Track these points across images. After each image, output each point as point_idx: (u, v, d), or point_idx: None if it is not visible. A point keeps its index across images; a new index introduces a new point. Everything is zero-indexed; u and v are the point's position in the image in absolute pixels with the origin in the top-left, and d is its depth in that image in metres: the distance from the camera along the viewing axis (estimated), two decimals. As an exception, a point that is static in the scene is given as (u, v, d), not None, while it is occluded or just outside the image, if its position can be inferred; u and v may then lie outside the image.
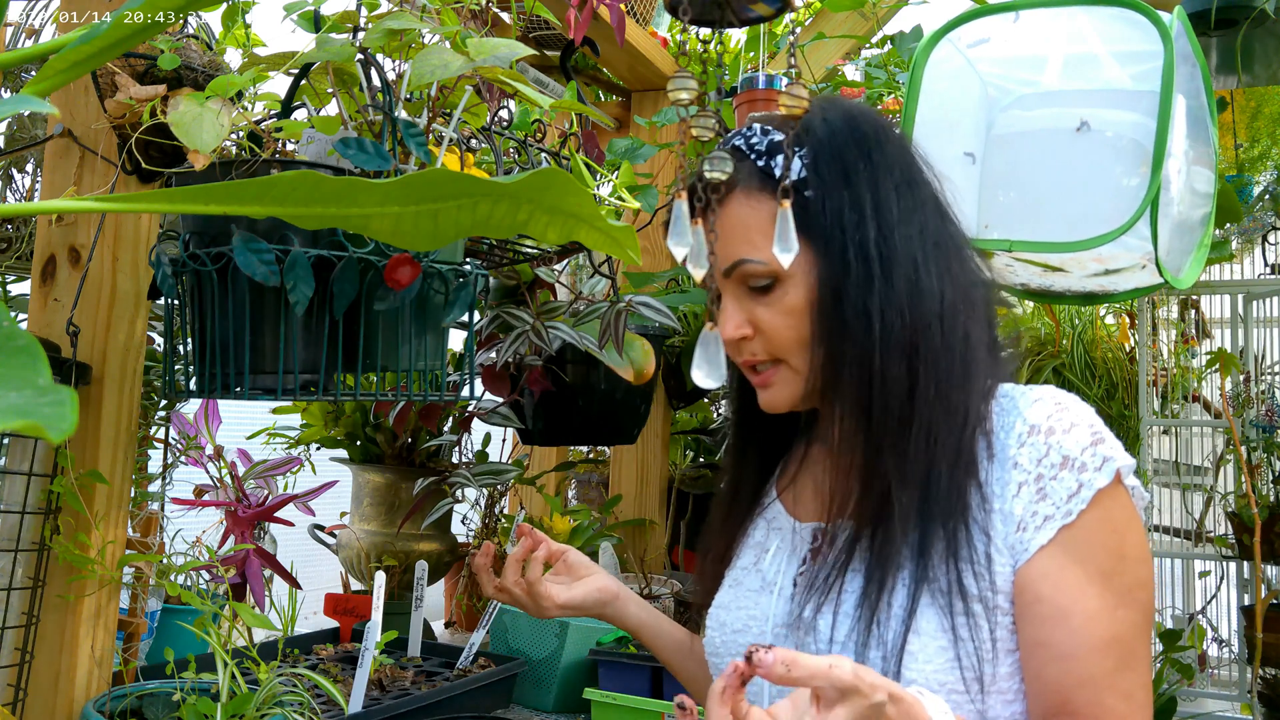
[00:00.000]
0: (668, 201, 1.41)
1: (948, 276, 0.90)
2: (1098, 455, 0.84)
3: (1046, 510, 0.84)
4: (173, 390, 1.17)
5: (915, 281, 0.89)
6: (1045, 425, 0.87)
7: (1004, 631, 0.84)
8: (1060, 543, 0.83)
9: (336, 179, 0.53)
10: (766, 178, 0.92)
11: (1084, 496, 0.83)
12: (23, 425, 0.33)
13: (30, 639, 1.21)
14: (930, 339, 0.88)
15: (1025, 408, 0.89)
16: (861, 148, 0.91)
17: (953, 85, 1.48)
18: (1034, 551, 0.83)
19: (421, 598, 1.66)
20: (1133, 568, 0.84)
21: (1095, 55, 1.40)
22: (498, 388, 1.68)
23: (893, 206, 0.90)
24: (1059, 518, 0.83)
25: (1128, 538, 0.84)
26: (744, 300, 0.94)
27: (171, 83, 1.19)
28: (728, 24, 1.20)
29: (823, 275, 0.90)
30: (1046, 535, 0.83)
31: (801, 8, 1.64)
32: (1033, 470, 0.85)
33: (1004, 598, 0.84)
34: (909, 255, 0.89)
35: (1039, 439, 0.86)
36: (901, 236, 0.89)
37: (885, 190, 0.90)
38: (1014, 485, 0.85)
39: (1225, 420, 2.10)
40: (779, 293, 0.91)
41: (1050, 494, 0.84)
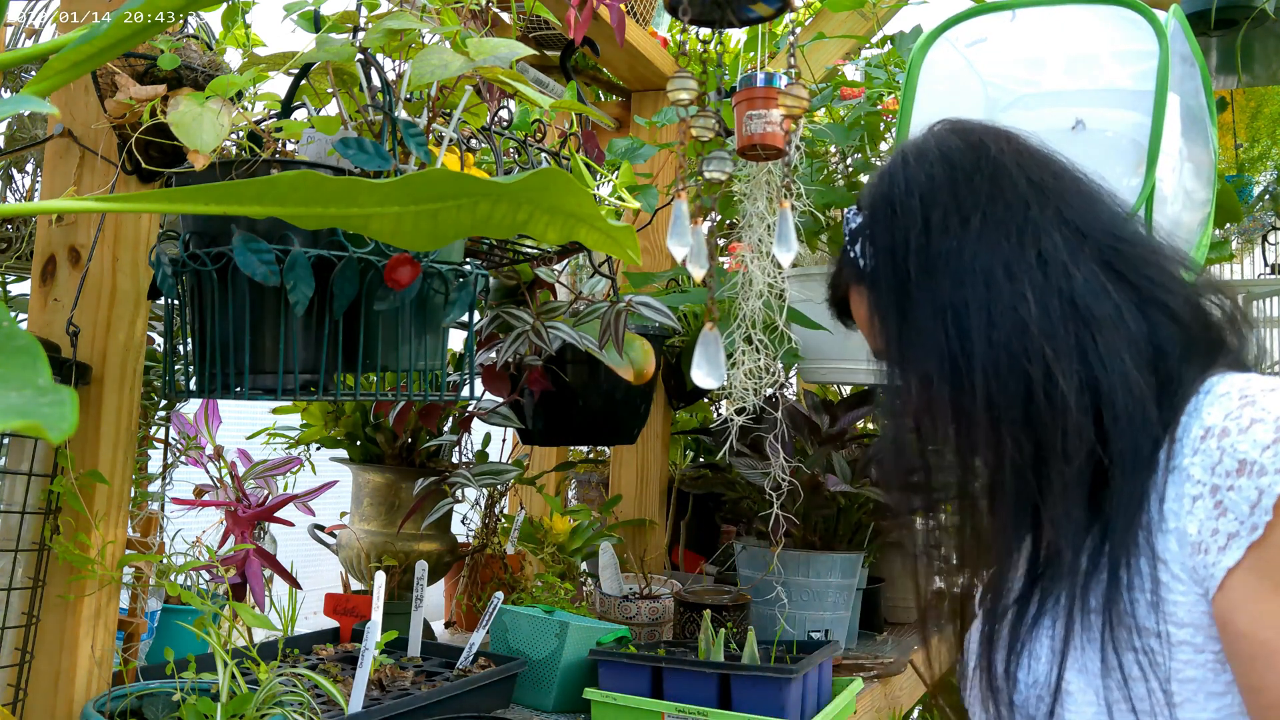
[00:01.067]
0: (669, 200, 1.41)
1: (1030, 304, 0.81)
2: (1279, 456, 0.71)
3: (1229, 527, 0.71)
4: (173, 390, 1.17)
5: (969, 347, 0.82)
6: (1220, 426, 0.74)
7: (1198, 671, 0.74)
8: (1251, 566, 0.70)
9: (336, 179, 0.54)
10: (856, 269, 0.92)
11: (1266, 505, 0.70)
12: (23, 425, 0.33)
13: (30, 639, 1.21)
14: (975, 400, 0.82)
15: (1206, 406, 0.77)
16: (893, 219, 0.88)
17: (952, 85, 1.48)
18: (1221, 577, 0.72)
19: (421, 598, 1.66)
20: None
21: (1095, 54, 1.40)
22: (498, 388, 1.68)
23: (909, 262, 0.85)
24: (1244, 534, 0.71)
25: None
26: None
27: (171, 83, 1.19)
28: (728, 24, 1.20)
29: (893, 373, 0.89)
30: (1233, 556, 0.71)
31: (801, 8, 1.64)
32: (1206, 480, 0.74)
33: (1192, 631, 0.74)
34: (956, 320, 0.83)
35: (1212, 443, 0.74)
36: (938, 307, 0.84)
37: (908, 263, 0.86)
38: (1188, 500, 0.74)
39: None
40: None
41: (1230, 507, 0.72)
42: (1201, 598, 0.73)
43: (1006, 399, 0.81)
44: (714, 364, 0.91)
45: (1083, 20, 1.40)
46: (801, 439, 1.95)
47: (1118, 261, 0.84)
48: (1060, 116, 1.41)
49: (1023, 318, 0.81)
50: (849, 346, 2.02)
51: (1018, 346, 0.81)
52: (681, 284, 2.28)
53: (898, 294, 0.86)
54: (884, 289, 0.88)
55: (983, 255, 0.83)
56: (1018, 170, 0.87)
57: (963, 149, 0.88)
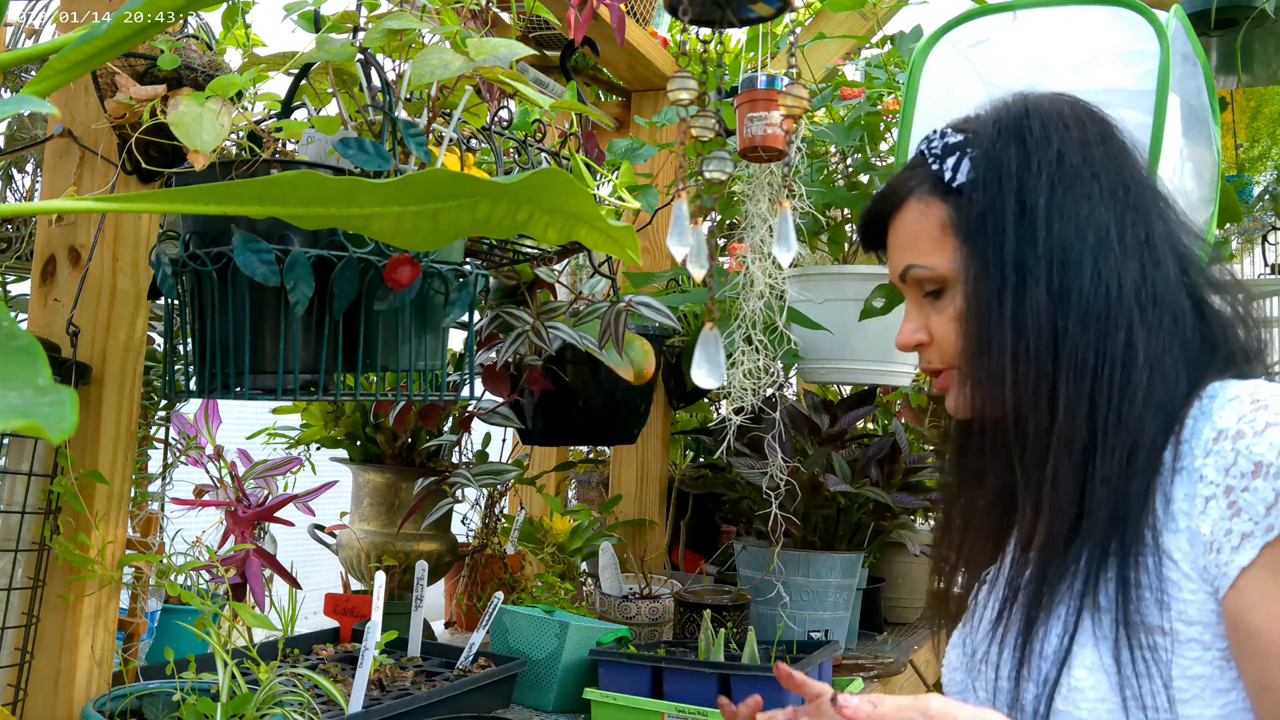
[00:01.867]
0: (669, 200, 1.41)
1: (1113, 273, 0.83)
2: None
3: (1243, 527, 0.73)
4: (173, 390, 1.17)
5: (1061, 283, 0.83)
6: (1234, 429, 0.76)
7: (1206, 668, 0.74)
8: (1266, 564, 0.72)
9: (337, 179, 0.54)
10: (938, 182, 0.90)
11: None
12: (23, 425, 0.33)
13: (30, 639, 1.21)
14: (1077, 346, 0.82)
15: (1217, 410, 0.78)
16: (1022, 146, 0.87)
17: (953, 86, 1.48)
18: (1234, 576, 0.73)
19: (421, 598, 1.66)
20: None
21: (1098, 55, 1.40)
22: (498, 388, 1.68)
23: (1041, 206, 0.84)
24: (1259, 534, 0.72)
25: None
26: (922, 306, 0.92)
27: (171, 83, 1.19)
28: (728, 24, 1.20)
29: (973, 281, 0.86)
30: (1247, 555, 0.72)
31: (801, 8, 1.64)
32: (1220, 482, 0.75)
33: (1200, 629, 0.74)
34: (1055, 256, 0.83)
35: (1226, 445, 0.75)
36: (1050, 236, 0.84)
37: (1035, 189, 0.85)
38: (1200, 500, 0.76)
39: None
40: (947, 299, 0.90)
41: (1245, 508, 0.73)
42: (1211, 596, 0.74)
43: (1081, 354, 0.82)
44: (714, 364, 0.91)
45: (1084, 21, 1.40)
46: (801, 439, 1.95)
47: (1186, 264, 0.87)
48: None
49: (1123, 285, 0.82)
50: (849, 346, 2.02)
51: (1112, 309, 0.82)
52: (681, 284, 2.28)
53: (1001, 217, 0.85)
54: (986, 208, 0.86)
55: (1101, 214, 0.84)
56: (1135, 154, 0.90)
57: (1092, 116, 0.91)
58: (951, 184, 0.89)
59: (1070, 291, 0.83)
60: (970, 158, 0.89)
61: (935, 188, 0.90)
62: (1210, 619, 0.74)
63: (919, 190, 0.91)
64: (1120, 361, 0.81)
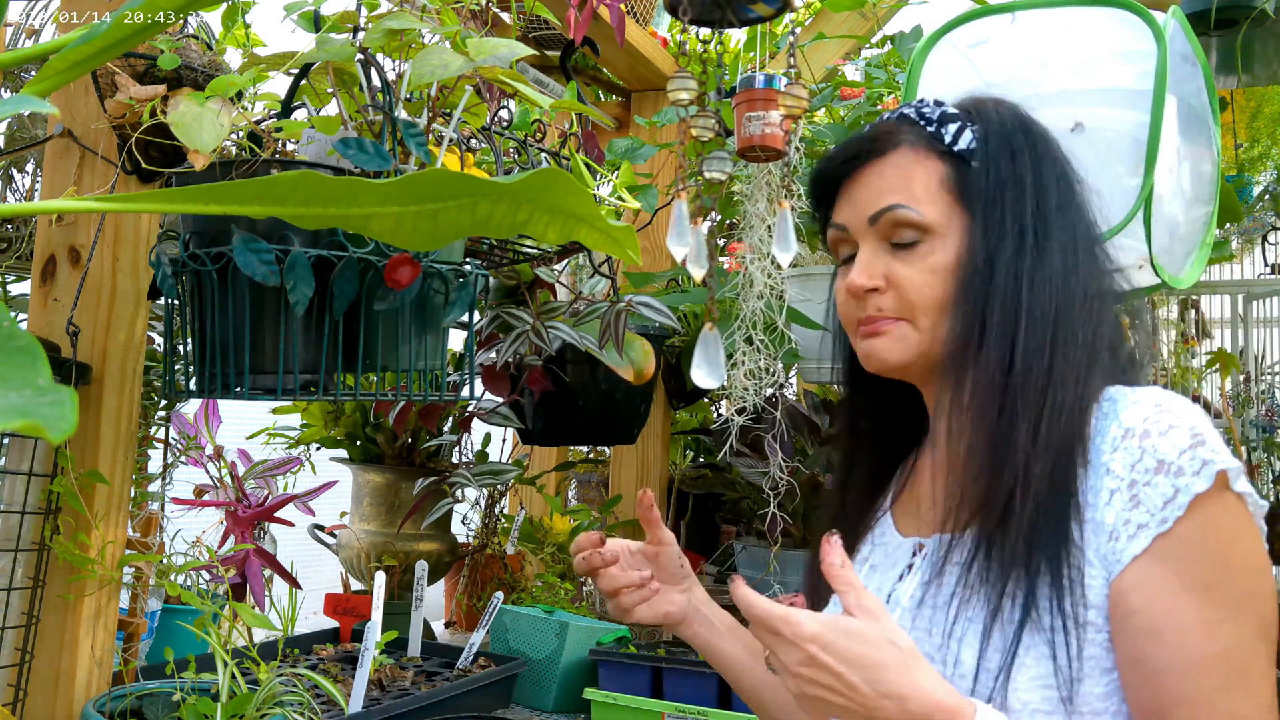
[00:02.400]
0: (669, 200, 1.41)
1: (1091, 271, 0.90)
2: (1196, 459, 0.78)
3: (1140, 518, 0.78)
4: (173, 390, 1.17)
5: (1065, 265, 0.88)
6: (1141, 428, 0.81)
7: (1098, 649, 0.80)
8: (1155, 553, 0.77)
9: (337, 179, 0.53)
10: (935, 140, 0.93)
11: (1180, 503, 0.78)
12: (23, 425, 0.33)
13: (30, 639, 1.21)
14: (1069, 324, 0.87)
15: (1123, 410, 0.84)
16: (1029, 138, 0.93)
17: (954, 87, 1.48)
18: (1127, 562, 0.78)
19: (421, 598, 1.66)
20: (1242, 578, 0.78)
21: (1099, 54, 1.40)
22: (498, 388, 1.68)
23: (1052, 194, 0.91)
24: (1153, 526, 0.78)
25: (1235, 547, 0.78)
26: (881, 253, 0.92)
27: (171, 83, 1.19)
28: (728, 24, 1.20)
29: (979, 240, 0.89)
30: (1140, 545, 0.78)
31: (801, 8, 1.64)
32: (1125, 476, 0.80)
33: (1097, 613, 0.80)
34: (1063, 239, 0.89)
35: (1133, 442, 0.81)
36: (1057, 222, 0.90)
37: (1048, 178, 0.91)
38: (1106, 493, 0.81)
39: (1225, 420, 2.10)
40: (924, 249, 0.90)
41: (1144, 501, 0.79)
42: (1106, 581, 0.80)
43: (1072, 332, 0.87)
44: (714, 364, 0.90)
45: (1082, 21, 1.40)
46: (801, 439, 1.96)
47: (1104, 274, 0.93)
48: (1064, 117, 1.40)
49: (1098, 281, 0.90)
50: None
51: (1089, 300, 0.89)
52: (681, 284, 2.28)
53: (1019, 191, 0.90)
54: (1002, 179, 0.90)
55: (1084, 211, 0.93)
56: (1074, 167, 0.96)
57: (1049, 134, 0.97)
58: (952, 147, 0.92)
59: (1072, 276, 0.88)
60: (972, 130, 0.93)
61: (931, 146, 0.93)
62: (1104, 603, 0.80)
63: (912, 143, 0.93)
64: (1089, 348, 0.87)
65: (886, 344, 0.91)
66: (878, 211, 0.92)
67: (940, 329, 0.90)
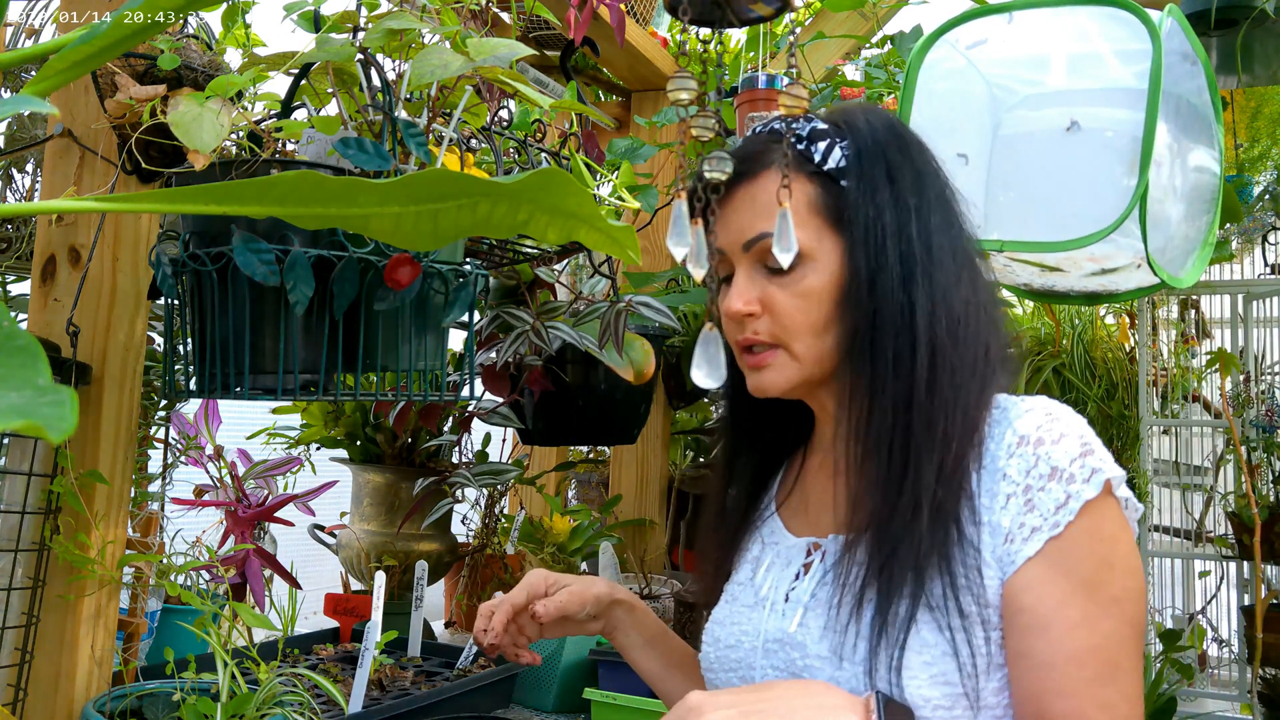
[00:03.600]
0: (669, 200, 1.41)
1: (973, 284, 0.92)
2: (1086, 467, 0.83)
3: (1034, 522, 0.83)
4: (173, 390, 1.17)
5: (944, 282, 0.89)
6: (1035, 436, 0.85)
7: (994, 646, 0.83)
8: (1047, 554, 0.82)
9: (336, 179, 0.53)
10: (804, 161, 0.92)
11: (1071, 508, 0.82)
12: (23, 425, 0.33)
13: (30, 639, 1.21)
14: (954, 341, 0.88)
15: (1016, 418, 0.87)
16: (905, 152, 0.93)
17: (953, 85, 1.48)
18: (1021, 563, 0.82)
19: (421, 598, 1.66)
20: (1120, 579, 0.83)
21: (1099, 54, 1.40)
22: (498, 388, 1.68)
23: (931, 210, 0.91)
24: (1046, 529, 0.82)
25: (1116, 549, 0.83)
26: (757, 277, 0.93)
27: (171, 83, 1.19)
28: (728, 24, 1.20)
29: (857, 263, 0.90)
30: (1034, 547, 0.82)
31: (801, 8, 1.64)
32: (1021, 481, 0.84)
33: (993, 611, 0.83)
34: (942, 257, 0.90)
35: (1028, 450, 0.85)
36: (938, 239, 0.90)
37: (926, 194, 0.92)
38: (1002, 497, 0.85)
39: (1225, 420, 2.10)
40: (798, 274, 0.91)
41: (1038, 505, 0.83)
42: (1001, 581, 0.83)
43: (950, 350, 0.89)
44: (714, 364, 0.90)
45: (1080, 21, 1.40)
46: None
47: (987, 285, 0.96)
48: (1065, 116, 1.41)
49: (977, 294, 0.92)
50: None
51: (970, 315, 0.90)
52: (681, 284, 2.28)
53: (893, 210, 0.90)
54: (873, 199, 0.90)
55: (957, 225, 0.94)
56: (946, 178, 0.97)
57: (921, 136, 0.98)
58: (821, 166, 0.92)
59: (950, 291, 0.90)
60: (842, 148, 0.92)
61: (801, 166, 0.92)
62: (998, 601, 0.83)
63: (781, 164, 0.92)
64: (977, 358, 0.89)
65: (770, 376, 0.93)
66: (750, 240, 0.93)
67: (815, 351, 0.91)
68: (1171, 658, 2.01)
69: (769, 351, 0.93)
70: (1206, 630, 2.36)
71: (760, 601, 0.96)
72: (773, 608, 0.94)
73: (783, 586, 0.95)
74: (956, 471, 0.86)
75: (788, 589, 0.95)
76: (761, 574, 0.99)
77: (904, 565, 0.84)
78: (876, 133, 0.93)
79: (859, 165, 0.91)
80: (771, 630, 0.93)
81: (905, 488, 0.86)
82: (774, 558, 0.99)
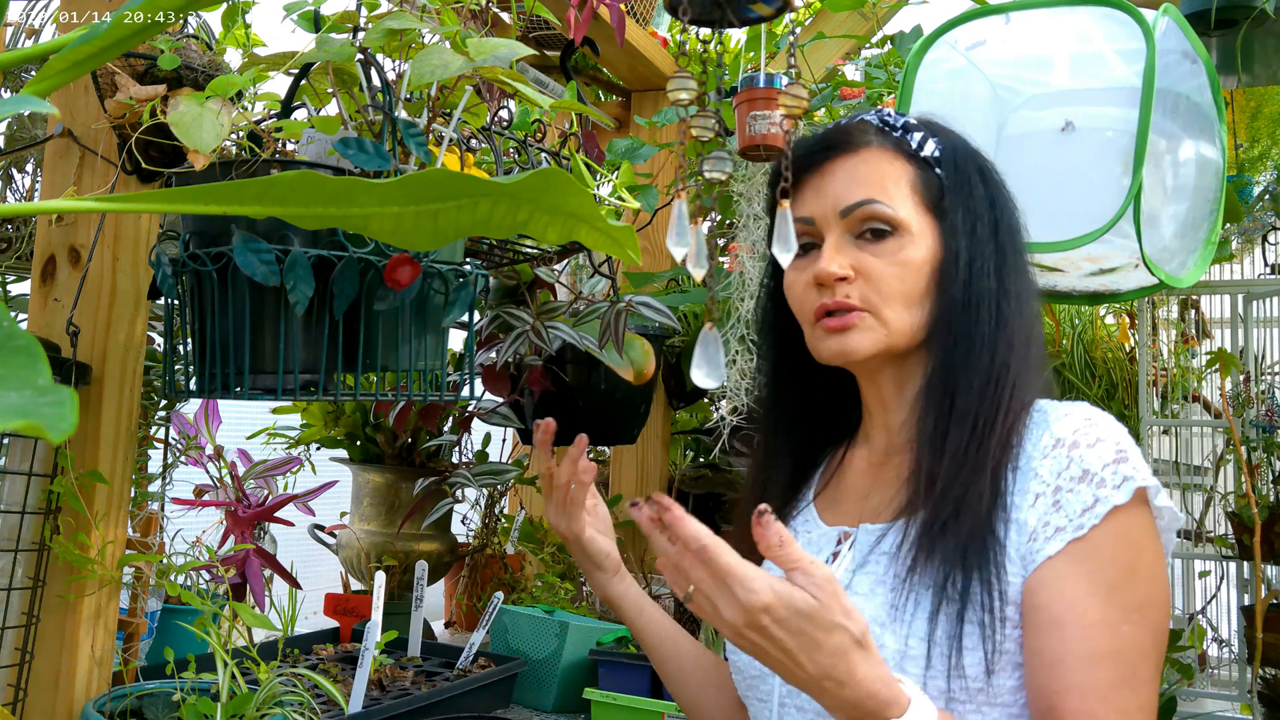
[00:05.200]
0: (669, 200, 1.41)
1: (1032, 291, 0.96)
2: (1118, 473, 0.83)
3: (1059, 522, 0.83)
4: (173, 390, 1.17)
5: (1020, 283, 0.94)
6: (1070, 439, 0.86)
7: (1012, 644, 0.83)
8: (1069, 554, 0.82)
9: (336, 179, 0.54)
10: (902, 144, 0.96)
11: (1098, 512, 0.82)
12: (23, 425, 0.33)
13: (30, 639, 1.21)
14: (1022, 335, 0.92)
15: (1054, 421, 0.88)
16: (984, 162, 0.99)
17: (953, 86, 1.48)
18: (1041, 561, 0.82)
19: (421, 598, 1.66)
20: (1144, 586, 0.82)
21: (1101, 54, 1.40)
22: (498, 388, 1.68)
23: (1010, 216, 0.97)
24: (1070, 530, 0.82)
25: (1143, 556, 0.83)
26: (847, 245, 0.95)
27: (171, 83, 1.19)
28: (728, 24, 1.20)
29: (955, 246, 0.93)
30: (1056, 546, 0.82)
31: (801, 8, 1.64)
32: (1051, 482, 0.85)
33: (1013, 608, 0.83)
34: (1017, 259, 0.95)
35: (1062, 452, 0.86)
36: (1014, 242, 0.96)
37: (1006, 199, 0.97)
38: (1031, 495, 0.85)
39: (1225, 420, 2.10)
40: (896, 244, 0.93)
41: (1065, 506, 0.83)
42: (1023, 578, 0.83)
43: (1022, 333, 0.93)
44: (714, 364, 0.91)
45: (1078, 21, 1.40)
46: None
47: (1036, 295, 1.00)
48: (1067, 116, 1.41)
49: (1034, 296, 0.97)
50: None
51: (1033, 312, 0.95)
52: (681, 284, 2.28)
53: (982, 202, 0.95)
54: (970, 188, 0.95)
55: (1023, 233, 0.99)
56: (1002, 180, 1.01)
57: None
58: (919, 153, 0.96)
59: (1026, 293, 0.94)
60: (935, 141, 0.97)
61: (900, 148, 0.96)
62: (1019, 599, 0.83)
63: (880, 144, 0.96)
64: (1029, 359, 0.92)
65: (856, 338, 0.93)
66: (851, 205, 0.94)
67: (902, 322, 0.93)
68: (1171, 658, 2.01)
69: (855, 313, 0.93)
70: (1206, 630, 2.36)
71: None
72: None
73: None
74: (996, 467, 0.87)
75: None
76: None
77: (942, 558, 0.84)
78: (962, 139, 0.99)
79: (955, 160, 0.96)
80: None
81: (951, 478, 0.87)
82: (804, 545, 0.99)
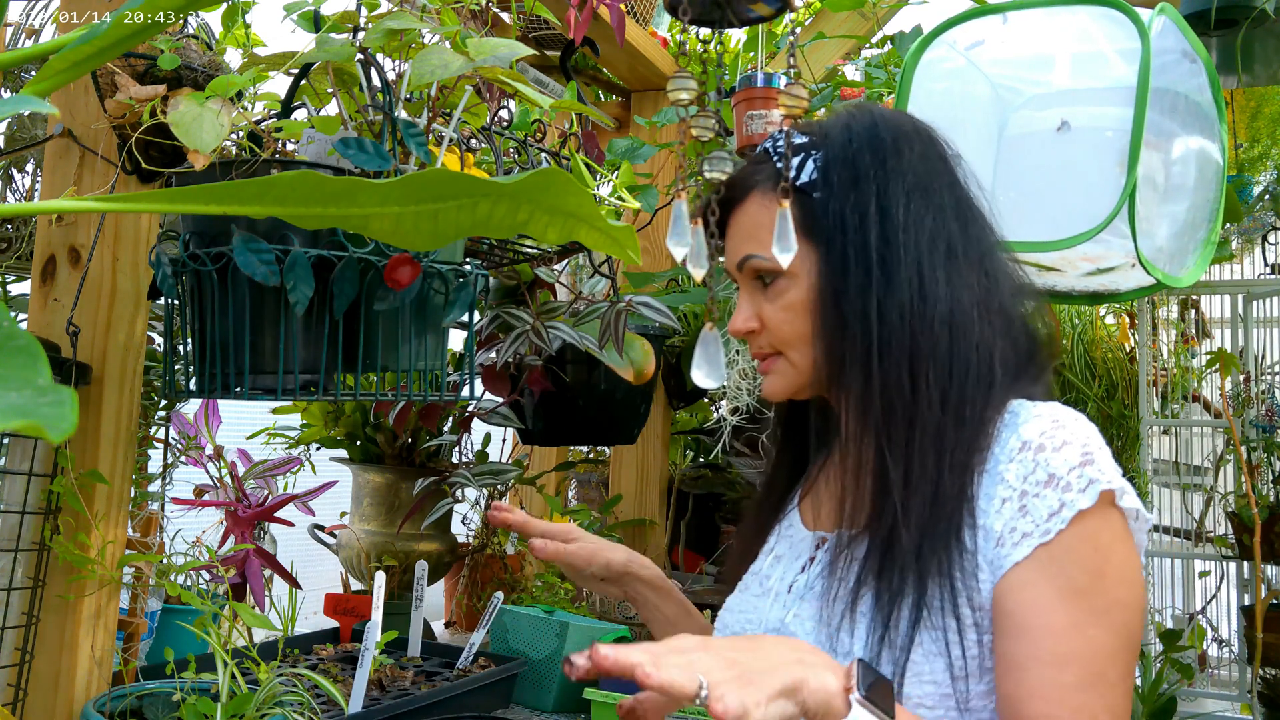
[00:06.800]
0: (669, 200, 1.41)
1: (960, 284, 0.90)
2: (1084, 476, 0.82)
3: (1025, 527, 0.82)
4: (173, 390, 1.17)
5: (919, 286, 0.89)
6: (1036, 442, 0.85)
7: (985, 650, 0.83)
8: (1036, 560, 0.81)
9: (336, 179, 0.54)
10: (782, 177, 0.94)
11: (1064, 516, 0.81)
12: (23, 425, 0.33)
13: (30, 639, 1.21)
14: (936, 345, 0.88)
15: (1023, 424, 0.87)
16: (877, 154, 0.92)
17: (953, 86, 1.48)
18: (1009, 567, 0.82)
19: (421, 598, 1.66)
20: (1113, 589, 0.81)
21: (1102, 53, 1.40)
22: (498, 388, 1.68)
23: (899, 212, 0.90)
24: (1037, 535, 0.82)
25: (1111, 559, 0.82)
26: (754, 295, 0.97)
27: (171, 83, 1.19)
28: (728, 24, 1.20)
29: (824, 274, 0.92)
30: (1023, 552, 0.82)
31: (801, 8, 1.64)
32: (1018, 486, 0.84)
33: (983, 615, 0.83)
34: (914, 260, 0.89)
35: (1028, 455, 0.85)
36: (907, 241, 0.89)
37: (894, 195, 0.91)
38: (998, 500, 0.84)
39: (1225, 420, 2.10)
40: (780, 288, 0.94)
41: (1031, 511, 0.83)
42: (992, 584, 0.83)
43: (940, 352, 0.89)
44: (714, 364, 0.91)
45: (1075, 21, 1.40)
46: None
47: (1010, 281, 0.95)
48: (1069, 115, 1.41)
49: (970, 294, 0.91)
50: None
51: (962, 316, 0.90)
52: (681, 284, 2.28)
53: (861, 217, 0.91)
54: (842, 207, 0.91)
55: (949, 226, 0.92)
56: (966, 173, 0.97)
57: (931, 135, 0.97)
58: (795, 181, 0.94)
59: (929, 295, 0.89)
60: (814, 159, 0.94)
61: (779, 182, 0.94)
62: (988, 605, 0.83)
63: (762, 185, 0.96)
64: (971, 364, 0.89)
65: (771, 380, 0.97)
66: (739, 261, 0.97)
67: (808, 359, 0.94)
68: (1171, 658, 2.01)
69: (771, 358, 0.97)
70: (1206, 630, 2.36)
71: (766, 591, 0.98)
72: (776, 598, 0.96)
73: (788, 578, 0.97)
74: (956, 473, 0.86)
75: (792, 580, 0.96)
76: (770, 564, 1.01)
77: (899, 564, 0.84)
78: (851, 139, 0.93)
79: (826, 175, 0.93)
80: (771, 620, 0.94)
81: (896, 488, 0.86)
82: (786, 549, 1.01)
